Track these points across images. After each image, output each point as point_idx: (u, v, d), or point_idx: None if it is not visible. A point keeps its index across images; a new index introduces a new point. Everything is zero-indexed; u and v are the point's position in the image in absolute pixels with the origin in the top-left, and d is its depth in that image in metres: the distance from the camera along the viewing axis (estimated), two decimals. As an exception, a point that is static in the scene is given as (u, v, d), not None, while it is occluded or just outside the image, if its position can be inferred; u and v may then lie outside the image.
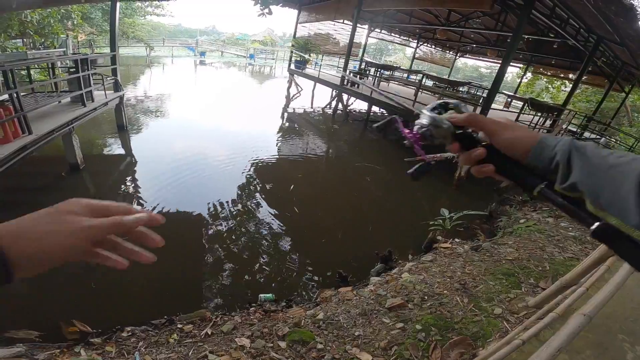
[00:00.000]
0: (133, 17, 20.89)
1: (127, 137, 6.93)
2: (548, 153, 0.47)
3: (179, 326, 2.58)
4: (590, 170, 0.42)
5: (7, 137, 3.64)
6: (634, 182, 0.38)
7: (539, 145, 0.48)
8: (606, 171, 0.41)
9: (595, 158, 0.43)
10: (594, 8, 5.85)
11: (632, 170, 0.39)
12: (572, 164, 0.44)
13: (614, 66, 10.42)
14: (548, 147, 0.47)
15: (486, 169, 0.51)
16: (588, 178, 0.42)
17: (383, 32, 15.75)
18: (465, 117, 0.53)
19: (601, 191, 0.41)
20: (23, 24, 8.92)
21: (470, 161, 0.52)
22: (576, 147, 0.45)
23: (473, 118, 0.53)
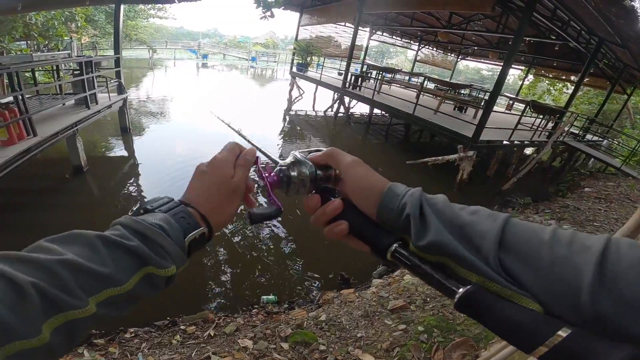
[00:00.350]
0: (136, 19, 21.02)
1: (130, 139, 6.97)
2: (395, 204, 0.40)
3: (182, 327, 2.59)
4: (447, 228, 0.36)
5: (11, 139, 3.67)
6: (494, 241, 0.33)
7: (388, 192, 0.41)
8: (462, 229, 0.36)
9: (449, 214, 0.37)
10: (594, 10, 5.87)
11: (490, 228, 0.34)
12: (427, 218, 0.37)
13: (616, 68, 10.43)
14: (396, 195, 0.41)
15: (339, 228, 0.43)
16: (445, 237, 0.36)
17: (384, 34, 15.80)
18: (327, 151, 0.48)
19: (461, 251, 0.35)
20: (27, 26, 8.97)
21: (325, 217, 0.44)
22: (427, 198, 0.40)
23: (333, 151, 0.47)
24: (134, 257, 0.33)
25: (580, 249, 0.30)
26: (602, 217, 5.13)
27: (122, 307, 0.33)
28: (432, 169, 7.20)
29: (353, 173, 0.44)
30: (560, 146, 9.70)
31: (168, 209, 0.40)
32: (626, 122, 16.56)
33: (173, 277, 0.37)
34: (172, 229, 0.37)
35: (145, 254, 0.33)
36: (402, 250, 0.38)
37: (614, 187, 7.05)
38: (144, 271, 0.34)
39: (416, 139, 11.57)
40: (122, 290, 0.31)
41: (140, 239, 0.34)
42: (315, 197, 0.46)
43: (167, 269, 0.35)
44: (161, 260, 0.34)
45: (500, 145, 7.43)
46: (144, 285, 0.34)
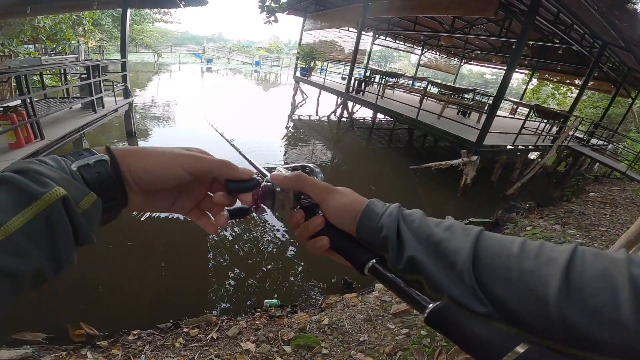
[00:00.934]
0: (142, 23, 21.28)
1: (136, 143, 7.03)
2: (373, 223, 0.40)
3: (184, 330, 2.60)
4: (423, 246, 0.37)
5: (19, 142, 3.71)
6: (467, 257, 0.34)
7: (365, 213, 0.42)
8: (437, 246, 0.36)
9: (425, 231, 0.38)
10: (597, 13, 5.86)
11: (463, 243, 0.35)
12: (404, 238, 0.38)
13: (620, 72, 10.38)
14: (374, 214, 0.41)
15: (320, 244, 0.43)
16: (421, 255, 0.36)
17: (388, 39, 15.85)
18: (293, 176, 0.45)
19: (436, 270, 0.35)
20: (36, 29, 9.10)
21: (308, 233, 0.45)
22: (404, 216, 0.40)
23: (298, 178, 0.45)
24: (9, 192, 0.28)
25: (547, 260, 0.31)
26: (607, 222, 5.09)
27: (30, 254, 0.28)
28: (435, 174, 7.20)
29: (328, 201, 0.44)
30: (564, 150, 9.65)
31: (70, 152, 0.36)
32: (631, 126, 16.45)
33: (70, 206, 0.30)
34: (54, 160, 0.33)
35: (17, 181, 0.28)
36: (379, 266, 0.39)
37: (620, 192, 6.99)
38: (34, 209, 0.28)
39: (420, 144, 11.56)
40: (7, 230, 0.26)
41: (13, 171, 0.30)
42: (299, 213, 0.46)
43: (47, 191, 0.28)
44: (38, 185, 0.29)
45: (504, 149, 7.41)
46: (41, 223, 0.28)
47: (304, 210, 0.47)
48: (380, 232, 0.40)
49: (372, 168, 8.29)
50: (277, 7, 6.04)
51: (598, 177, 8.81)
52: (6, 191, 0.28)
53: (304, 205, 0.48)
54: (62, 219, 0.30)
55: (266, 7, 6.02)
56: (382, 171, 8.17)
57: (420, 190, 7.03)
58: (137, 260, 3.56)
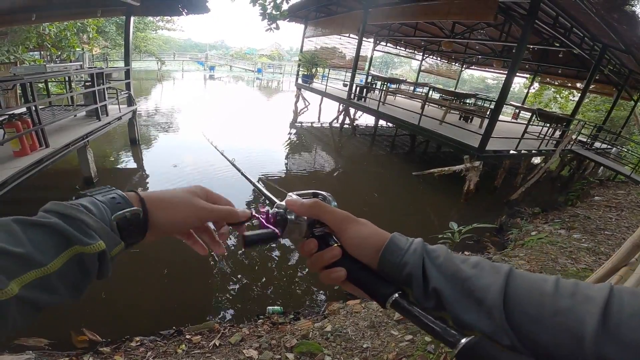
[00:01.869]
0: (145, 31, 21.50)
1: (139, 151, 7.07)
2: (397, 258, 0.41)
3: (187, 337, 2.59)
4: (449, 283, 0.37)
5: (24, 150, 3.74)
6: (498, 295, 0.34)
7: (388, 247, 0.42)
8: (464, 283, 0.36)
9: (451, 268, 0.38)
10: (596, 16, 5.87)
11: (493, 281, 0.35)
12: (429, 275, 0.38)
13: (622, 74, 10.37)
14: (398, 250, 0.41)
15: (337, 275, 0.43)
16: (447, 291, 0.37)
17: (389, 45, 15.95)
18: (310, 203, 0.45)
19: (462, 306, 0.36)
20: (41, 36, 9.23)
21: (323, 263, 0.44)
22: (428, 252, 0.40)
23: (316, 205, 0.45)
24: (53, 236, 0.32)
25: (583, 299, 0.32)
26: (613, 226, 5.05)
27: (58, 291, 0.32)
28: (438, 180, 7.17)
29: (348, 231, 0.44)
30: (568, 155, 9.60)
31: (100, 193, 0.40)
32: (634, 128, 16.37)
33: (105, 257, 0.35)
34: (96, 207, 0.37)
35: (64, 230, 0.32)
36: (402, 300, 0.38)
37: (625, 195, 6.94)
38: (72, 251, 0.32)
39: (422, 150, 11.56)
40: (47, 271, 0.30)
41: (59, 217, 0.33)
42: (312, 242, 0.45)
43: (92, 244, 0.33)
44: (84, 235, 0.33)
45: (507, 154, 7.38)
46: (75, 265, 0.33)
47: (317, 239, 0.45)
48: (404, 267, 0.40)
49: (375, 175, 8.28)
50: (278, 14, 6.10)
51: (603, 180, 8.75)
52: (49, 235, 0.32)
53: (316, 234, 0.46)
54: (94, 265, 0.35)
55: (267, 14, 6.07)
56: (385, 178, 8.15)
57: (424, 197, 7.01)
58: (140, 268, 3.56)
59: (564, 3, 6.04)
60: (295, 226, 0.46)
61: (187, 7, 6.59)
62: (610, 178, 9.33)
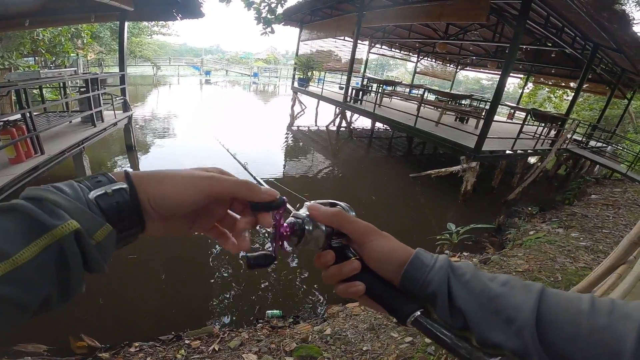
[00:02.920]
0: (140, 36, 21.52)
1: (136, 157, 7.03)
2: (422, 275, 0.39)
3: (186, 342, 2.57)
4: (476, 301, 0.36)
5: (19, 157, 3.71)
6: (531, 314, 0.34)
7: (412, 264, 0.40)
8: (492, 301, 0.36)
9: (478, 286, 0.37)
10: (586, 16, 5.94)
11: (525, 300, 0.35)
12: (455, 294, 0.37)
13: (614, 73, 10.47)
14: (423, 266, 0.40)
15: (355, 289, 0.41)
16: (473, 310, 0.36)
17: (384, 47, 16.04)
18: (333, 212, 0.43)
19: (489, 325, 0.35)
20: (35, 42, 9.20)
21: (340, 277, 0.42)
22: (454, 269, 0.39)
23: (339, 215, 0.43)
24: (20, 221, 0.27)
25: (621, 317, 0.31)
26: (610, 224, 5.07)
27: (38, 286, 0.27)
28: (436, 181, 7.19)
29: (371, 244, 0.43)
30: (564, 154, 9.67)
31: (86, 177, 0.35)
32: (629, 126, 16.53)
33: (83, 240, 0.29)
34: (71, 188, 0.32)
35: (32, 213, 0.28)
36: (424, 319, 0.37)
37: (621, 193, 6.98)
38: (47, 238, 0.27)
39: (419, 152, 11.60)
40: (16, 262, 0.26)
41: (27, 201, 0.29)
42: (329, 254, 0.43)
43: (59, 225, 0.28)
44: (52, 217, 0.28)
45: (503, 155, 7.42)
46: (52, 257, 0.28)
47: (334, 251, 0.44)
48: (428, 285, 0.39)
49: (373, 177, 8.29)
50: (273, 18, 6.12)
51: (599, 179, 8.81)
52: (18, 220, 0.27)
53: (333, 245, 0.45)
54: (74, 251, 0.29)
55: (262, 18, 6.10)
56: (383, 180, 8.16)
57: (421, 198, 7.02)
58: (138, 273, 3.53)
59: (554, 3, 6.11)
60: (312, 236, 0.44)
61: (181, 11, 6.60)
62: (607, 176, 9.39)
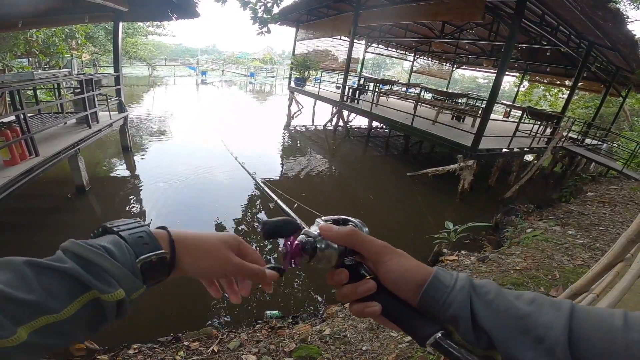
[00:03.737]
0: (135, 36, 21.38)
1: (132, 158, 6.99)
2: (442, 295, 0.38)
3: (185, 343, 2.55)
4: (502, 321, 0.36)
5: (14, 159, 3.68)
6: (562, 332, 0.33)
7: (432, 284, 0.39)
8: (519, 321, 0.35)
9: (503, 305, 0.36)
10: (581, 14, 5.98)
11: (555, 318, 0.34)
12: (478, 313, 0.36)
13: (609, 71, 10.55)
14: (443, 287, 0.39)
15: (371, 310, 0.41)
16: (499, 329, 0.35)
17: (380, 46, 16.06)
18: (347, 232, 0.43)
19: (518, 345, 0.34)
20: (29, 43, 9.11)
21: (355, 296, 0.42)
22: (476, 288, 0.38)
23: (353, 234, 0.43)
24: (68, 281, 0.31)
25: None
26: (607, 221, 5.10)
27: (71, 334, 0.31)
28: (433, 180, 7.21)
29: (387, 263, 0.42)
30: (560, 152, 9.72)
31: (127, 229, 0.38)
32: (624, 124, 16.64)
33: (124, 303, 0.33)
34: (119, 250, 0.35)
35: (81, 276, 0.31)
36: (445, 340, 0.36)
37: (617, 191, 7.02)
38: (88, 296, 0.31)
39: (416, 150, 11.62)
40: (60, 317, 0.29)
41: (77, 261, 0.32)
42: (343, 273, 0.43)
43: (110, 293, 0.32)
44: (102, 283, 0.32)
45: (500, 153, 7.45)
46: (90, 311, 0.32)
47: (348, 269, 0.43)
48: (449, 306, 0.38)
49: (370, 176, 8.29)
50: (269, 18, 6.10)
51: (595, 176, 8.85)
52: (64, 280, 0.31)
53: (347, 263, 0.44)
54: (112, 311, 0.33)
55: (258, 18, 6.07)
56: (380, 179, 8.17)
57: (419, 197, 7.02)
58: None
59: (549, 1, 6.14)
60: (324, 255, 0.43)
61: (176, 12, 6.56)
62: (602, 174, 9.44)
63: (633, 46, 7.04)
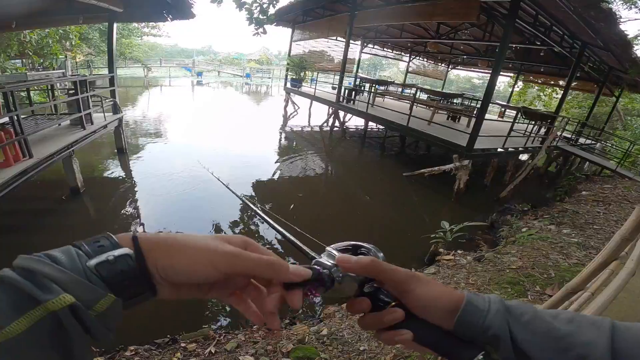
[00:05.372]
0: (130, 37, 21.26)
1: (127, 159, 6.94)
2: (478, 320, 0.38)
3: (182, 345, 2.54)
4: (541, 342, 0.36)
5: (7, 161, 3.65)
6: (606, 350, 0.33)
7: (466, 309, 0.39)
8: (559, 341, 0.35)
9: (541, 326, 0.37)
10: (574, 14, 6.04)
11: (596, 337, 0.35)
12: (517, 337, 0.37)
13: (602, 71, 10.66)
14: (478, 311, 0.39)
15: (402, 338, 0.40)
16: (539, 351, 0.35)
17: (376, 47, 16.10)
18: (368, 262, 0.41)
19: None
20: (22, 44, 9.04)
21: (381, 325, 0.41)
22: (512, 310, 0.39)
23: (374, 264, 0.41)
24: (9, 293, 0.27)
25: None
26: (601, 220, 5.15)
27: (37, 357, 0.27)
28: (429, 180, 7.23)
29: (415, 292, 0.41)
30: (554, 151, 9.81)
31: (90, 240, 0.33)
32: (617, 124, 16.81)
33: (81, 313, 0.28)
34: (67, 255, 0.30)
35: (21, 285, 0.27)
36: None
37: (611, 189, 7.09)
38: (39, 311, 0.26)
39: (412, 151, 11.65)
40: (7, 334, 0.25)
41: (18, 272, 0.28)
42: (365, 302, 0.41)
43: (51, 300, 0.27)
44: (41, 289, 0.27)
45: (495, 152, 7.50)
46: (51, 327, 0.27)
47: (369, 297, 0.42)
48: (487, 330, 0.37)
49: (366, 177, 8.30)
50: (265, 18, 6.09)
51: (589, 175, 8.94)
52: (7, 293, 0.27)
53: (366, 291, 0.43)
54: (72, 323, 0.28)
55: (254, 19, 6.06)
56: (376, 179, 8.18)
57: (415, 197, 7.05)
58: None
59: (543, 1, 6.20)
60: (345, 287, 0.41)
61: (171, 12, 6.52)
62: (596, 173, 9.53)
63: (625, 46, 7.12)
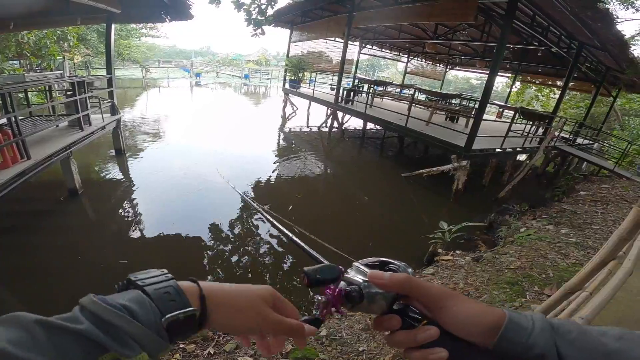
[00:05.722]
0: (128, 38, 21.22)
1: (125, 161, 6.92)
2: (522, 338, 0.38)
3: (181, 346, 2.53)
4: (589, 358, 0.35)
5: (5, 162, 3.63)
6: None
7: (509, 327, 0.38)
8: (608, 357, 0.35)
9: (589, 343, 0.36)
10: (571, 15, 6.06)
11: None
12: (563, 354, 0.36)
13: (599, 71, 10.70)
14: (522, 329, 0.38)
15: (438, 356, 0.39)
16: None
17: (374, 48, 16.13)
18: (402, 279, 0.41)
19: None
20: (20, 45, 9.00)
21: (413, 344, 0.40)
22: (557, 328, 0.38)
23: (409, 281, 0.41)
24: (84, 343, 0.28)
25: None
26: (599, 220, 5.16)
27: None
28: (427, 181, 7.24)
29: (452, 309, 0.40)
30: (552, 151, 9.83)
31: (152, 283, 0.36)
32: (615, 124, 16.87)
33: None
34: (143, 309, 0.33)
35: (97, 338, 0.29)
36: None
37: (609, 189, 7.11)
38: (107, 357, 0.29)
39: (411, 151, 11.67)
40: None
41: (95, 322, 0.30)
42: (395, 320, 0.41)
43: (131, 357, 0.29)
44: (121, 346, 0.29)
45: (493, 153, 7.51)
46: None
47: (399, 314, 0.41)
48: (532, 348, 0.37)
49: (365, 177, 8.31)
50: (264, 19, 6.08)
51: (587, 175, 8.97)
52: (83, 344, 0.28)
53: (395, 308, 0.42)
54: None
55: (253, 20, 6.05)
56: (375, 180, 8.19)
57: (413, 198, 7.06)
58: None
59: (540, 2, 6.22)
60: (375, 304, 0.41)
61: (170, 13, 6.52)
62: (594, 173, 9.56)
63: (622, 46, 7.15)
